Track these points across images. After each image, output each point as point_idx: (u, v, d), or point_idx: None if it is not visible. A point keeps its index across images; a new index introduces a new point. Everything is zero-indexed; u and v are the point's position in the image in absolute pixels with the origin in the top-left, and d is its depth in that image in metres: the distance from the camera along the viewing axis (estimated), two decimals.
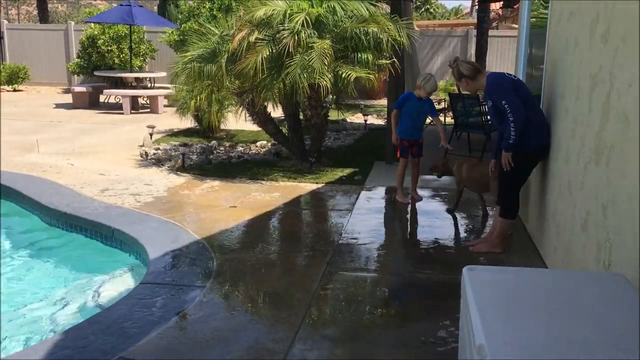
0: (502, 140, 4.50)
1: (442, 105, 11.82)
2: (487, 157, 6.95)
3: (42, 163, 8.14)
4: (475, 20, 18.44)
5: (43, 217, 6.03)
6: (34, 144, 9.57)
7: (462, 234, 5.48)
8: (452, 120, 9.61)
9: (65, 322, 4.08)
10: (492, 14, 18.46)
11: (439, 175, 6.20)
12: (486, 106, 4.73)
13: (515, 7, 16.56)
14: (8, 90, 18.51)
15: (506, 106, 4.28)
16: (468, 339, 2.08)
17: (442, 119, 11.11)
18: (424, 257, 4.84)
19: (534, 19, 6.12)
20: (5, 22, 21.71)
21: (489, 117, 8.92)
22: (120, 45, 16.33)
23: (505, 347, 1.82)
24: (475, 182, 5.59)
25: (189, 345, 3.32)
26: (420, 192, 6.59)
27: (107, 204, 6.09)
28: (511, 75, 4.61)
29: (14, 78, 18.39)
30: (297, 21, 6.90)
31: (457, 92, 9.60)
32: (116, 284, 4.66)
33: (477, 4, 18.42)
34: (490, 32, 17.30)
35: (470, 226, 5.69)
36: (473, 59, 16.60)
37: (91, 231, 5.55)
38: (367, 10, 7.35)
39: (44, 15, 23.33)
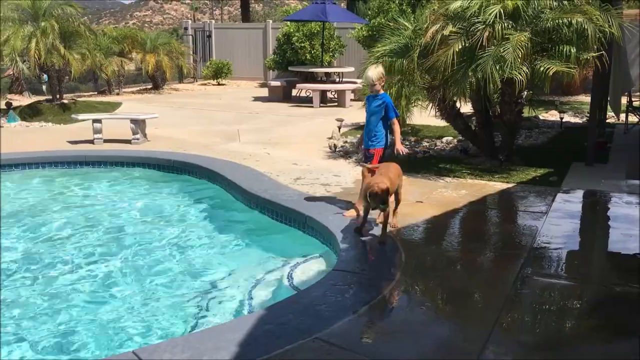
0: None
1: None
2: None
3: (243, 151, 8.86)
4: None
5: (245, 201, 6.56)
6: (236, 134, 10.46)
7: None
8: None
9: (261, 299, 4.41)
10: None
11: (384, 207, 4.72)
12: None
13: None
14: (213, 84, 20.47)
15: None
16: None
17: (636, 118, 9.98)
18: (632, 269, 4.38)
19: None
20: (213, 22, 24.00)
21: None
22: (312, 42, 17.14)
23: None
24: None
25: (380, 334, 3.40)
26: (627, 198, 5.99)
27: (300, 192, 6.44)
28: None
29: (219, 73, 20.29)
30: (491, 13, 6.65)
31: None
32: (308, 267, 4.90)
33: None
34: None
35: None
36: None
37: (286, 217, 5.91)
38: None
39: (246, 15, 25.36)
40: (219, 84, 20.39)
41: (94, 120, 9.53)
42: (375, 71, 5.33)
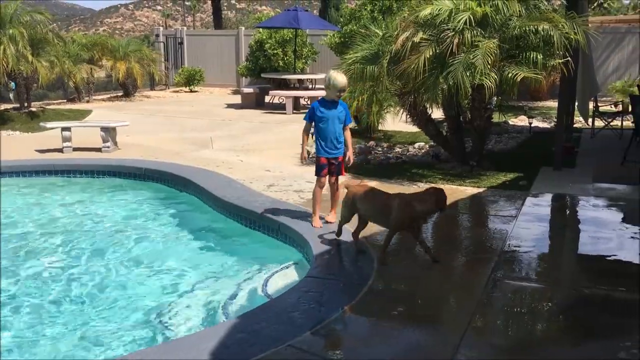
0: None
1: (619, 108, 10.87)
2: None
3: (216, 158, 8.81)
4: None
5: (218, 209, 6.51)
6: (209, 141, 10.40)
7: None
8: (633, 125, 8.79)
9: (235, 307, 4.37)
10: None
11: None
12: None
13: None
14: (185, 91, 20.33)
15: None
16: None
17: (617, 123, 10.23)
18: (600, 271, 4.48)
19: None
20: (185, 28, 23.86)
21: None
22: (285, 49, 17.16)
23: None
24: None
25: (353, 340, 3.40)
26: (594, 201, 6.12)
27: (274, 199, 6.42)
28: None
29: (191, 80, 20.15)
30: (460, 20, 6.74)
31: (638, 93, 8.81)
32: (281, 275, 4.88)
33: None
34: None
35: None
36: None
37: (259, 224, 5.88)
38: (535, 7, 7.00)
39: (218, 22, 25.27)
40: (191, 91, 20.25)
41: (63, 129, 9.38)
42: (345, 77, 5.35)
